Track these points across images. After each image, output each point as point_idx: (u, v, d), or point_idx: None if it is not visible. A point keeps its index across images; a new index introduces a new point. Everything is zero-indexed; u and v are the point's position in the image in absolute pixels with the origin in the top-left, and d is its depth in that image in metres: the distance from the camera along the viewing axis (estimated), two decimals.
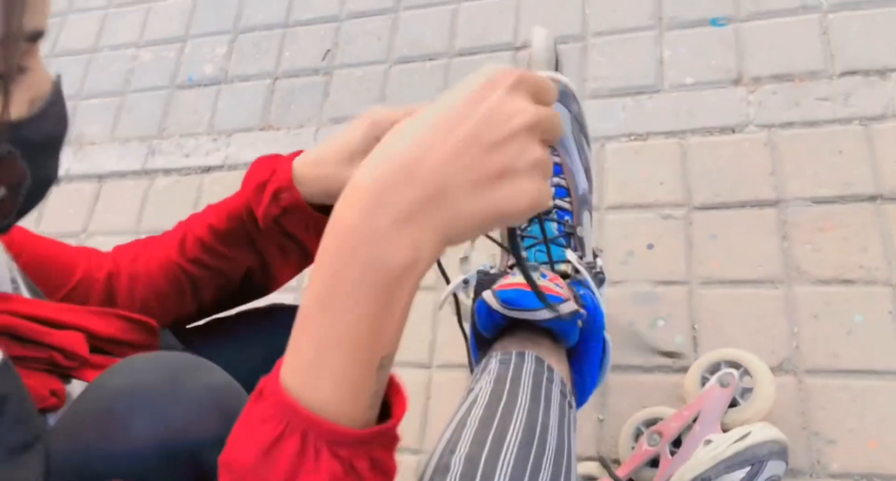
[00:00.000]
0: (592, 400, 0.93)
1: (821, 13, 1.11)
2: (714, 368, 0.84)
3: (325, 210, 0.55)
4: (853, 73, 1.05)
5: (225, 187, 1.26)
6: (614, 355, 0.93)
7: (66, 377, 0.51)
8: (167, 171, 1.34)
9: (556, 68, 0.82)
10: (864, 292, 0.90)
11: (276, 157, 0.59)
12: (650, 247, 1.01)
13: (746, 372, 0.82)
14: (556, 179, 0.71)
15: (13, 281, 0.53)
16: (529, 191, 0.35)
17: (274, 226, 0.59)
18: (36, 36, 0.38)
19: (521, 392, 0.52)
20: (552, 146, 0.69)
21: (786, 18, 1.12)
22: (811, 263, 0.94)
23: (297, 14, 1.45)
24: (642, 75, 1.15)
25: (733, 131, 1.06)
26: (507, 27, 1.28)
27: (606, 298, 0.98)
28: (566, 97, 0.73)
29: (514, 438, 0.47)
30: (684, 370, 0.89)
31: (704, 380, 0.84)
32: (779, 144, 1.03)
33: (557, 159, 0.72)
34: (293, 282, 1.15)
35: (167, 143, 1.38)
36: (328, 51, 1.38)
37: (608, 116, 1.13)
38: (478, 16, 1.31)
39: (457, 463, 0.44)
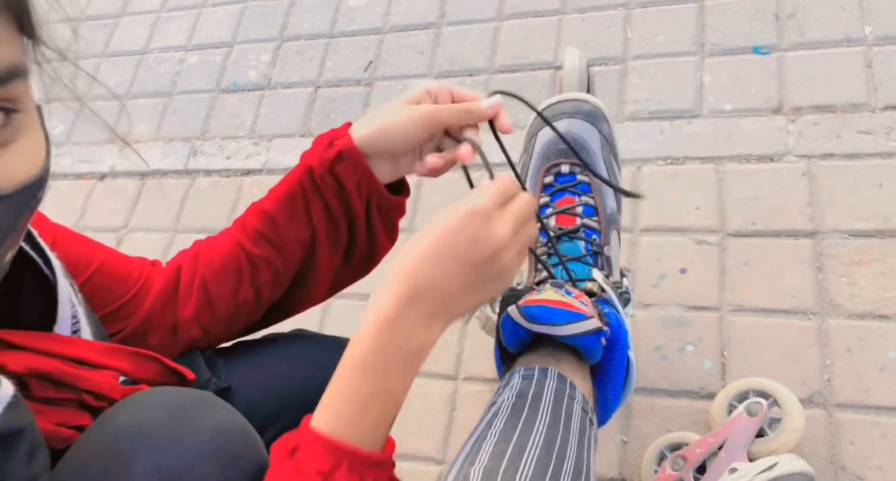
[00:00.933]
0: (617, 421, 0.93)
1: (865, 46, 1.10)
2: (742, 397, 0.84)
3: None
4: None
5: (263, 190, 1.26)
6: (641, 378, 0.94)
7: (96, 413, 0.51)
8: (208, 172, 1.37)
9: (589, 89, 0.83)
10: None
11: (332, 131, 0.62)
12: (683, 271, 1.01)
13: (775, 403, 0.82)
14: (584, 198, 0.72)
15: (74, 317, 0.53)
16: (510, 278, 0.52)
17: (329, 178, 0.59)
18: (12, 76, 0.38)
19: (543, 407, 0.53)
20: (580, 164, 0.70)
21: (830, 50, 1.12)
22: (846, 296, 0.93)
23: (341, 25, 1.48)
24: (681, 100, 1.16)
25: (771, 160, 1.06)
26: (547, 47, 1.29)
27: (632, 318, 0.98)
28: (597, 117, 0.74)
29: (532, 452, 0.47)
30: (711, 396, 0.89)
31: (731, 408, 0.84)
32: (818, 175, 1.02)
33: (586, 178, 0.73)
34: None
35: (209, 145, 1.41)
36: (370, 62, 1.41)
37: (646, 139, 1.14)
38: (519, 34, 1.33)
39: (475, 474, 0.45)
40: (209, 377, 0.66)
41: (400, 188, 0.65)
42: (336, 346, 0.73)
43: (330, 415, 0.46)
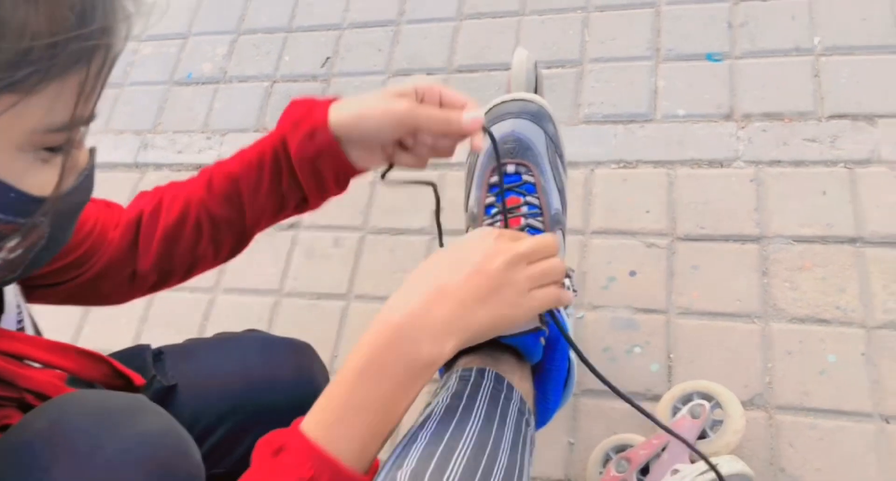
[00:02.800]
0: (563, 423, 0.93)
1: (814, 56, 1.13)
2: (686, 399, 0.85)
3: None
4: (842, 116, 1.06)
5: None
6: (589, 379, 0.94)
7: None
8: (158, 166, 1.34)
9: (536, 90, 0.83)
10: (838, 333, 0.91)
11: (311, 100, 0.62)
12: (632, 273, 1.02)
13: (718, 405, 0.83)
14: (529, 198, 0.72)
15: (18, 307, 0.53)
16: (525, 303, 0.53)
17: (307, 166, 0.60)
18: (92, 118, 0.40)
19: (477, 408, 0.52)
20: (526, 164, 0.71)
21: (780, 58, 1.14)
22: (789, 301, 0.95)
23: (299, 20, 1.46)
24: (635, 104, 1.17)
25: (721, 165, 1.07)
26: (506, 47, 1.29)
27: (581, 320, 0.99)
28: (542, 118, 0.74)
29: (463, 454, 0.47)
30: (658, 398, 0.90)
31: (676, 410, 0.84)
32: (765, 181, 1.04)
33: (531, 178, 0.73)
34: (274, 285, 1.14)
35: (161, 138, 1.38)
36: (328, 58, 1.39)
37: (600, 142, 1.15)
38: (478, 34, 1.32)
39: (402, 477, 0.44)
40: (153, 374, 0.65)
41: None
42: (289, 347, 0.73)
43: (319, 419, 0.46)
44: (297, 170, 0.61)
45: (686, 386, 0.86)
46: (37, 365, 0.51)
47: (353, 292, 1.11)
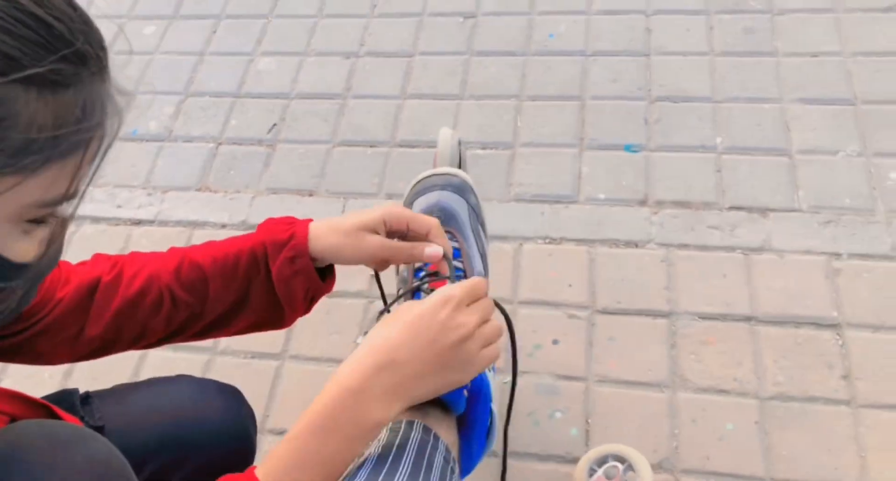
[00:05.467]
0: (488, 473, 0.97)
1: (716, 153, 1.28)
2: (602, 461, 0.91)
3: (320, 272, 0.68)
4: (739, 208, 1.20)
5: (153, 242, 1.27)
6: (514, 442, 0.99)
7: None
8: (96, 219, 1.34)
9: (460, 165, 0.92)
10: (736, 402, 1.01)
11: (292, 220, 0.67)
12: (555, 342, 1.09)
13: (630, 467, 0.90)
14: (455, 262, 0.79)
15: None
16: (473, 370, 0.58)
17: (282, 282, 0.65)
18: (77, 194, 0.44)
19: (405, 457, 0.57)
20: (451, 231, 0.78)
21: (688, 153, 1.28)
22: (694, 372, 1.05)
23: (248, 86, 1.52)
24: (561, 186, 1.28)
25: (636, 246, 1.18)
26: (444, 126, 1.39)
27: (502, 383, 1.05)
28: (465, 190, 0.82)
29: None
30: (576, 460, 0.96)
31: (592, 471, 0.91)
32: (675, 262, 1.16)
33: (456, 244, 0.80)
34: (208, 343, 1.15)
35: (100, 192, 1.38)
36: (274, 124, 1.45)
37: (527, 219, 1.24)
38: (420, 113, 1.42)
39: None
40: (81, 416, 0.66)
41: (329, 270, 0.71)
42: (217, 388, 0.75)
43: (274, 467, 0.51)
44: (274, 284, 0.66)
45: (602, 449, 0.93)
46: None
47: (287, 352, 1.14)
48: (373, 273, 0.72)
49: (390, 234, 0.69)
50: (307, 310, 0.70)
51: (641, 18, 1.49)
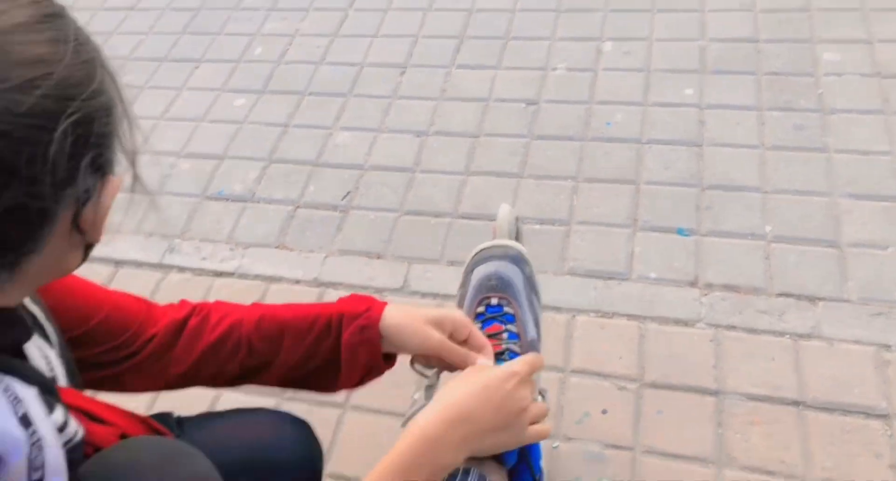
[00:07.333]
0: None
1: (766, 241, 1.33)
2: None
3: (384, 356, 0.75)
4: (788, 294, 1.25)
5: (233, 292, 1.38)
6: None
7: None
8: (182, 269, 1.46)
9: (517, 238, 1.00)
10: None
11: (370, 298, 0.75)
12: (604, 412, 1.14)
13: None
14: (509, 326, 0.86)
15: (51, 372, 0.60)
16: (524, 437, 0.69)
17: (348, 349, 0.73)
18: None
19: None
20: (507, 298, 0.86)
21: (738, 240, 1.34)
22: (740, 451, 1.07)
23: (326, 157, 1.66)
24: (614, 263, 1.34)
25: (686, 324, 1.23)
26: (505, 202, 1.49)
27: (551, 448, 1.09)
28: (521, 261, 0.90)
29: None
30: None
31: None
32: (723, 342, 1.20)
33: (511, 310, 0.88)
34: (275, 390, 1.23)
35: (187, 244, 1.51)
36: (348, 192, 1.57)
37: (581, 293, 1.31)
38: (482, 189, 1.53)
39: None
40: (177, 434, 0.75)
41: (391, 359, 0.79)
42: (293, 421, 0.83)
43: None
44: (342, 347, 0.74)
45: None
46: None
47: (349, 402, 1.20)
48: (410, 360, 0.80)
49: (449, 337, 0.76)
50: (359, 383, 0.77)
51: (695, 111, 1.58)
